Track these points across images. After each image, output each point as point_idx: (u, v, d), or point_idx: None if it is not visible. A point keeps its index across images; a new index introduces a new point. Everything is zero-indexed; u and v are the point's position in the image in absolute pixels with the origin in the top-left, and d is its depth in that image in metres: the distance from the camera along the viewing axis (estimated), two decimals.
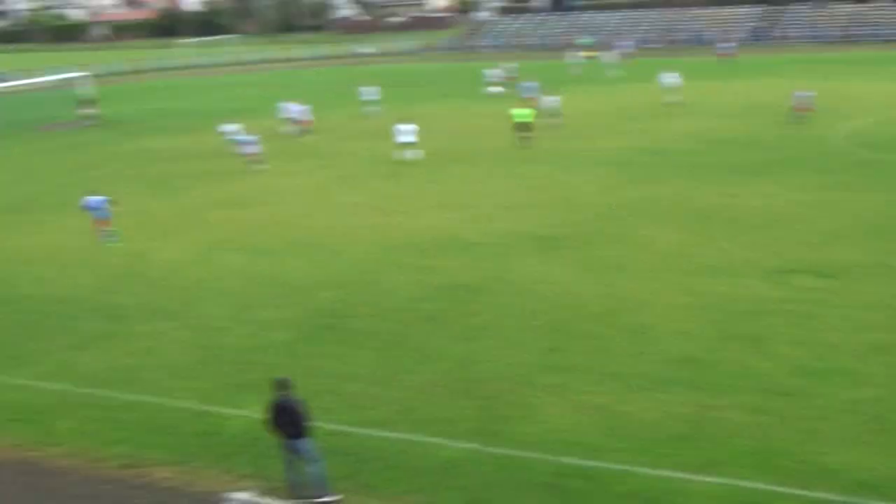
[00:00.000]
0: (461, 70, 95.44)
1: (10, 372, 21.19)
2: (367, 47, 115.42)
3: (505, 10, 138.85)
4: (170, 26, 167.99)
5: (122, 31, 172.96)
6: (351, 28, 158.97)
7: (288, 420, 15.09)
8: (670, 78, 61.36)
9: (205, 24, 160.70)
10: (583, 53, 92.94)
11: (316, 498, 15.25)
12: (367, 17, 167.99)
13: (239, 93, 78.29)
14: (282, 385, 15.23)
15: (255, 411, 18.22)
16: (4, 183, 43.98)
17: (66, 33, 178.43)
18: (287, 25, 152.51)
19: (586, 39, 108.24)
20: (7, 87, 77.77)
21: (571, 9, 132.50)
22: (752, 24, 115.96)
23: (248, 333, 22.80)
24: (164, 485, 16.10)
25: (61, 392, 19.98)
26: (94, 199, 32.05)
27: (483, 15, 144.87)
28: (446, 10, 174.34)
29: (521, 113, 46.29)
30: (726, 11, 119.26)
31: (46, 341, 23.02)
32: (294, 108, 54.22)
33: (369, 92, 63.17)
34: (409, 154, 42.80)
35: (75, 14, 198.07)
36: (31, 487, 16.28)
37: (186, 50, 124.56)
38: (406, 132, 43.00)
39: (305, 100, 58.73)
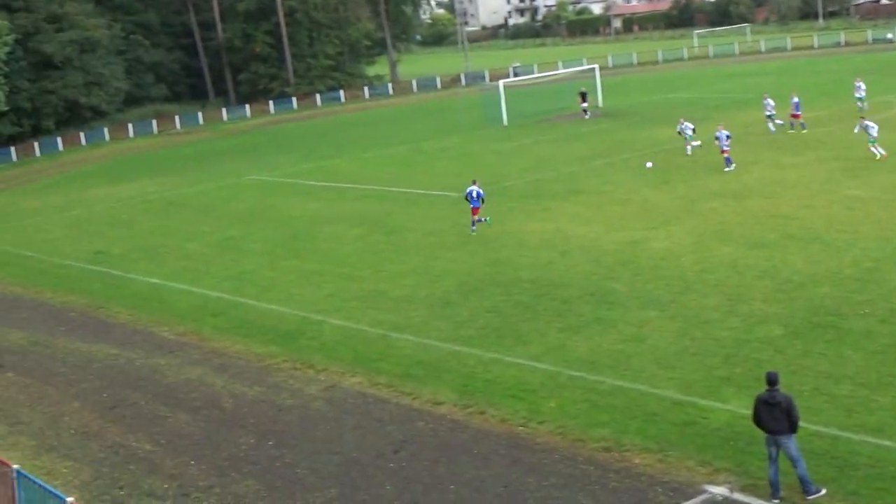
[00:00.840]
0: None
1: (508, 351, 22.65)
2: (890, 33, 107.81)
3: None
4: (684, 17, 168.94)
5: (638, 24, 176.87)
6: (871, 13, 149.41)
7: (775, 416, 14.73)
8: None
9: (720, 14, 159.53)
10: None
11: (808, 495, 14.87)
12: (890, 1, 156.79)
13: (747, 83, 76.75)
14: (771, 380, 14.86)
15: (738, 406, 17.97)
16: (519, 170, 46.87)
17: (585, 27, 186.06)
18: (804, 12, 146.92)
19: None
20: (522, 80, 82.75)
21: None
22: None
23: (736, 327, 22.45)
24: (640, 471, 16.37)
25: (551, 372, 21.01)
26: (477, 190, 34.61)
27: None
28: None
29: None
30: None
31: (542, 323, 24.28)
32: (771, 104, 50.67)
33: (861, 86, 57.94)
34: None
35: (597, 9, 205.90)
36: (516, 461, 17.30)
37: (699, 40, 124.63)
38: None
39: (807, 92, 56.07)
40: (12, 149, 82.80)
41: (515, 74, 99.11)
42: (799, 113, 49.37)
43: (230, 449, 19.17)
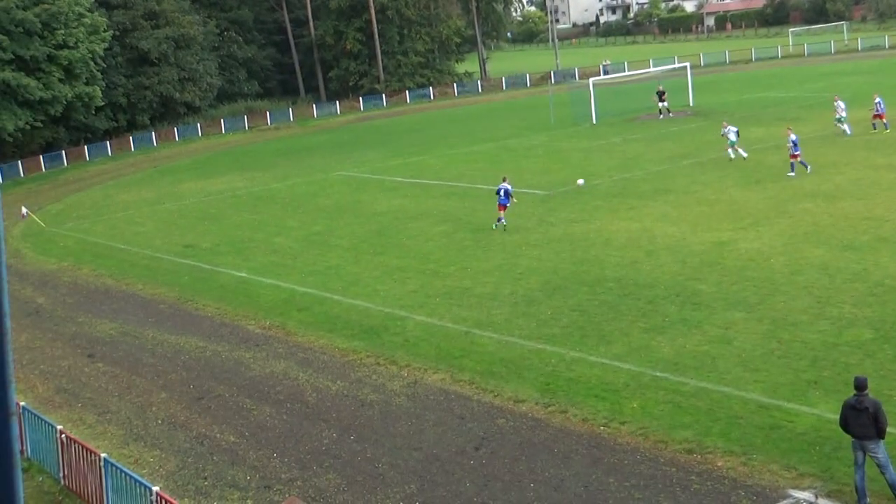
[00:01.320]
0: None
1: (591, 350, 22.49)
2: None
3: None
4: (779, 15, 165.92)
5: (731, 22, 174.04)
6: None
7: (862, 421, 14.42)
8: None
9: (816, 12, 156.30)
10: None
11: None
12: None
13: (842, 82, 75.05)
14: (859, 385, 14.54)
15: (825, 410, 17.60)
16: (609, 169, 46.49)
17: (678, 24, 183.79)
18: None
19: None
20: (612, 78, 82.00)
21: None
22: None
23: (825, 330, 21.97)
24: (723, 474, 16.13)
25: (634, 373, 20.80)
26: (505, 187, 35.66)
27: None
28: None
29: None
30: None
31: (626, 323, 24.06)
32: (841, 105, 49.39)
33: None
34: None
35: (690, 6, 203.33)
36: (597, 461, 17.17)
37: (794, 39, 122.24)
38: None
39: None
40: (108, 143, 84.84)
41: (605, 72, 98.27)
42: (882, 113, 48.15)
43: (312, 442, 19.38)
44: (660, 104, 65.12)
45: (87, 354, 27.07)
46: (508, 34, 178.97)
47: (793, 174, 38.83)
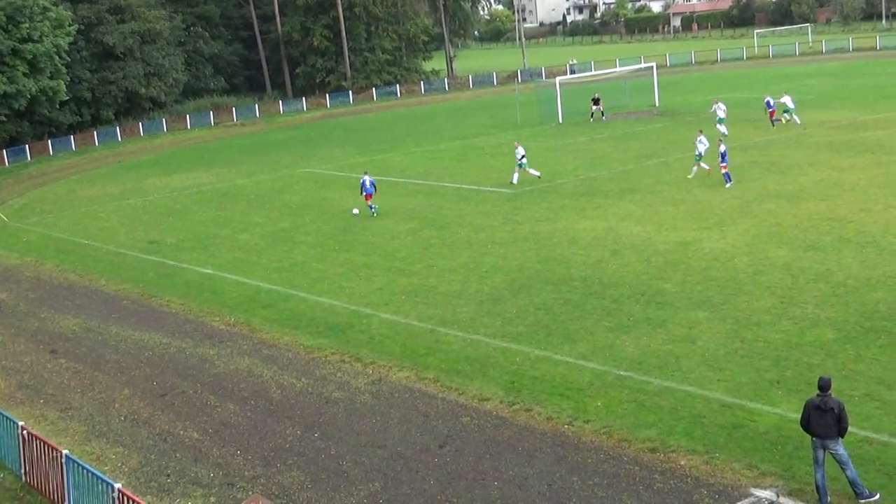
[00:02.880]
0: None
1: (556, 349, 22.56)
2: None
3: None
4: (745, 17, 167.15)
5: (697, 23, 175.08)
6: None
7: (826, 421, 14.58)
8: None
9: (781, 14, 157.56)
10: None
11: (861, 498, 14.75)
12: None
13: (806, 84, 75.73)
14: (824, 385, 14.68)
15: (788, 409, 17.78)
16: (575, 168, 46.59)
17: (644, 24, 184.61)
18: (867, 13, 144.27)
19: None
20: (578, 77, 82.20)
21: None
22: None
23: (788, 330, 22.16)
24: (686, 473, 16.23)
25: (599, 372, 20.89)
26: (369, 179, 39.97)
27: None
28: None
29: None
30: None
31: (591, 322, 24.15)
32: (721, 107, 52.35)
33: None
34: None
35: (656, 7, 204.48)
36: (561, 460, 17.22)
37: (760, 40, 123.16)
38: None
39: (867, 94, 54.95)
40: (72, 137, 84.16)
41: (572, 72, 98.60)
42: (773, 110, 53.63)
43: (276, 440, 19.30)
44: (594, 108, 65.79)
45: (50, 350, 26.81)
46: (476, 32, 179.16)
47: (730, 184, 38.50)
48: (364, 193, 40.02)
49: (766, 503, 15.03)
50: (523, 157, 43.77)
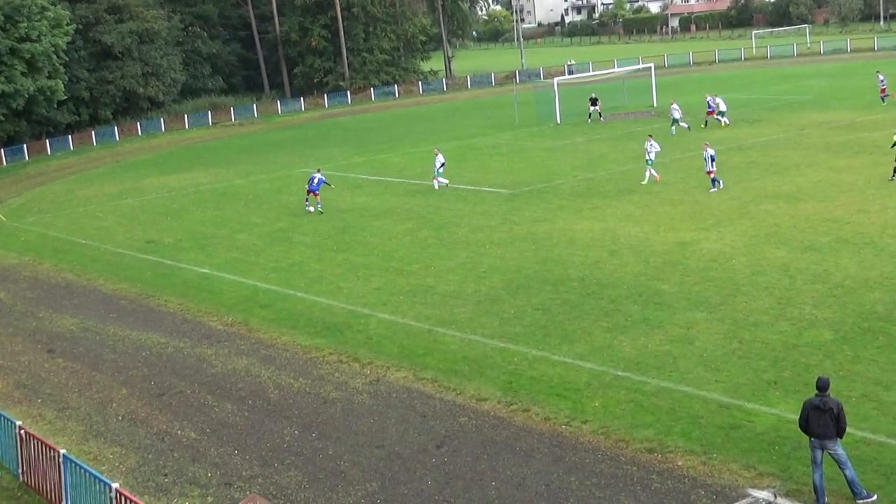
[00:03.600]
0: None
1: (554, 349, 22.56)
2: None
3: None
4: (743, 18, 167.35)
5: (696, 23, 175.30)
6: None
7: (825, 422, 14.61)
8: None
9: (779, 15, 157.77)
10: None
11: (858, 498, 14.77)
12: None
13: (804, 85, 75.77)
14: (822, 385, 14.69)
15: (785, 410, 17.79)
16: (573, 169, 46.62)
17: (642, 25, 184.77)
18: (865, 14, 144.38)
19: None
20: (576, 78, 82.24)
21: None
22: None
23: (786, 330, 22.18)
24: (683, 473, 16.24)
25: (597, 372, 20.90)
26: (319, 177, 41.54)
27: None
28: None
29: None
30: None
31: (589, 322, 24.16)
32: (675, 107, 53.36)
33: None
34: None
35: (655, 7, 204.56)
36: (558, 460, 17.22)
37: (758, 41, 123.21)
38: None
39: (863, 95, 54.94)
40: (70, 137, 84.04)
41: (570, 72, 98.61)
42: (713, 110, 55.49)
43: (274, 440, 19.30)
44: (591, 108, 65.69)
45: (48, 350, 26.80)
46: (474, 33, 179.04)
47: (714, 189, 38.18)
48: (309, 189, 41.53)
49: (764, 503, 15.04)
50: (442, 165, 44.96)
